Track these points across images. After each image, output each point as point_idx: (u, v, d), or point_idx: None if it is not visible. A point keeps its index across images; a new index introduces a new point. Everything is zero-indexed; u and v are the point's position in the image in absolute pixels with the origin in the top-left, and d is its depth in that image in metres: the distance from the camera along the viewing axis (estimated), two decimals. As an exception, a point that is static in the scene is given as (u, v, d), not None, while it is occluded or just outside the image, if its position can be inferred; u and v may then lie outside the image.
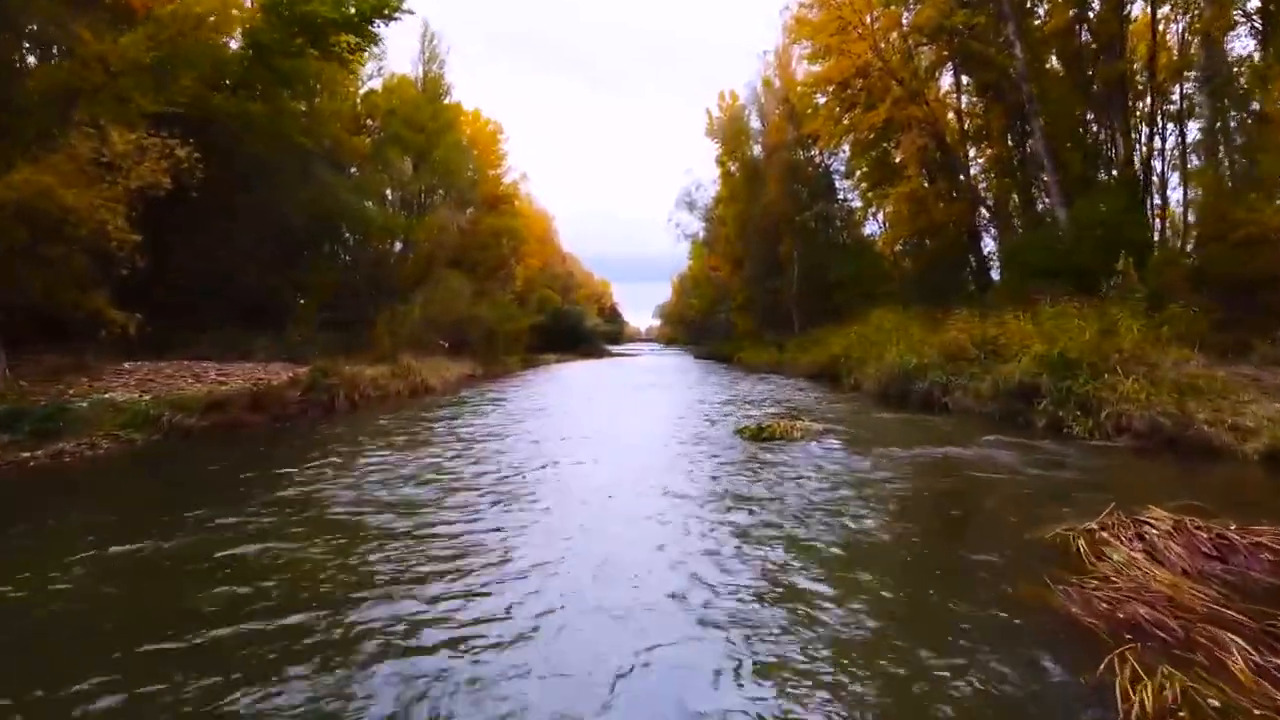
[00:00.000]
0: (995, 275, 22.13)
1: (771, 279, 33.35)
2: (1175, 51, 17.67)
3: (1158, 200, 17.63)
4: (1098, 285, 12.60)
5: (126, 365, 11.45)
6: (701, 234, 43.51)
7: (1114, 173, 18.32)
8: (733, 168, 37.91)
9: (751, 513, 4.75)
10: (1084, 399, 7.88)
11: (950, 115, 20.15)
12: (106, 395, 8.19)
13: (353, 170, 26.04)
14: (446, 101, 33.88)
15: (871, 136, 21.77)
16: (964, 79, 20.27)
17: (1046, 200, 20.45)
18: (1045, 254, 16.55)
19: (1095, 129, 18.93)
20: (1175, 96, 18.21)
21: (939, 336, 12.40)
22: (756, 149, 36.57)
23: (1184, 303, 9.65)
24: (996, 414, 9.14)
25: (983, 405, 9.55)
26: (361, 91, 28.47)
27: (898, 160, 22.17)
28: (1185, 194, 16.26)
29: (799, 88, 25.55)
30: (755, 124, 36.38)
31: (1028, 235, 17.94)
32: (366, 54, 27.17)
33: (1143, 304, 9.23)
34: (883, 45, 18.30)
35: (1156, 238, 17.27)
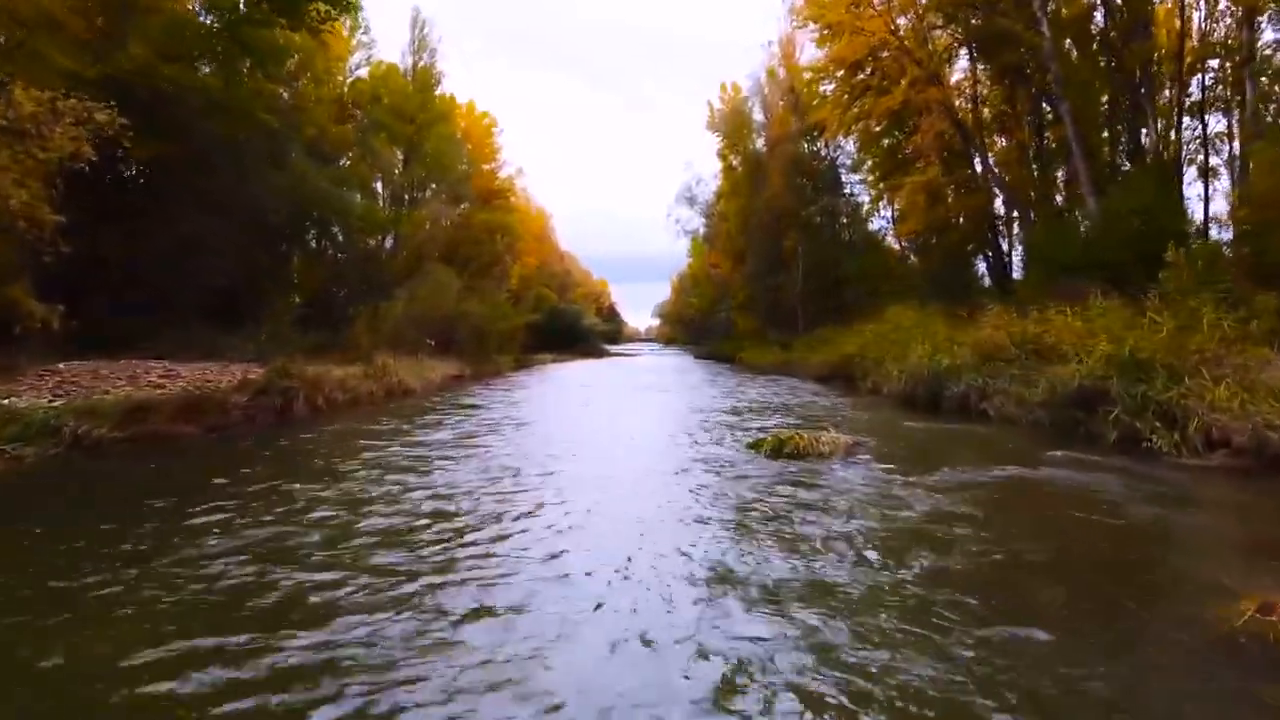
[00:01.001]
0: (1014, 270, 21.02)
1: (774, 276, 32.11)
2: (1199, 35, 16.54)
3: (1190, 187, 16.54)
4: (1136, 279, 11.42)
5: (61, 366, 10.16)
6: (702, 230, 42.28)
7: (1143, 160, 17.18)
8: (734, 161, 36.69)
9: (803, 602, 3.06)
10: (1164, 407, 6.63)
11: (965, 102, 18.94)
12: (6, 400, 6.91)
13: (344, 162, 24.83)
14: (438, 93, 32.71)
15: (881, 126, 20.57)
16: (980, 66, 19.11)
17: (1064, 192, 19.31)
18: (1075, 246, 15.36)
19: (1124, 114, 17.75)
20: (1201, 82, 17.16)
21: (970, 335, 11.16)
22: (759, 142, 35.36)
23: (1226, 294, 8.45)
24: (1047, 423, 7.89)
25: (1029, 413, 8.30)
26: (349, 81, 27.30)
27: (909, 151, 20.97)
28: (1234, 177, 15.04)
29: (806, 73, 24.25)
30: (758, 116, 35.18)
31: (1054, 226, 16.73)
32: (345, 28, 25.96)
33: (1223, 296, 7.98)
34: (899, 22, 17.06)
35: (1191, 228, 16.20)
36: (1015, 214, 20.18)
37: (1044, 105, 17.85)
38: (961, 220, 21.53)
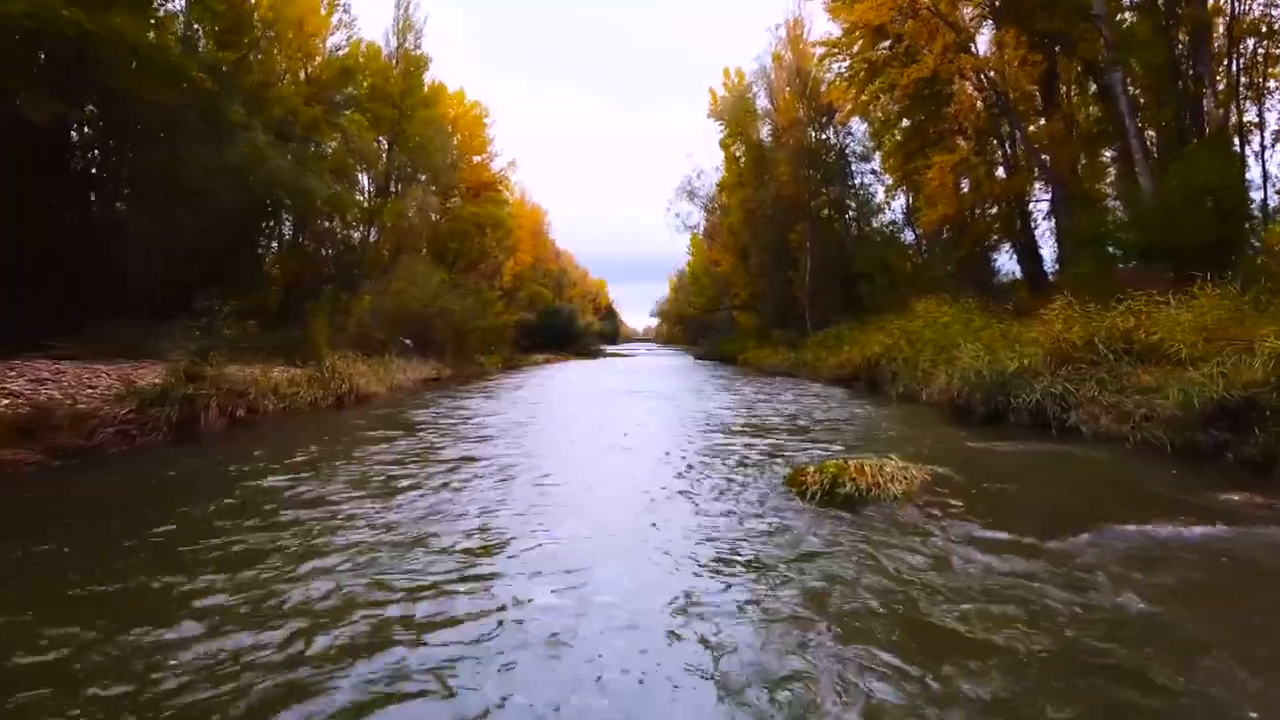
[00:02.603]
0: (1049, 259, 19.10)
1: (780, 271, 30.18)
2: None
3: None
4: (1203, 265, 9.59)
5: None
6: (702, 226, 40.30)
7: (1200, 137, 15.30)
8: (737, 151, 34.74)
9: None
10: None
11: (997, 75, 17.00)
12: None
13: (328, 148, 22.85)
14: (425, 77, 30.79)
15: (902, 104, 18.62)
16: (1018, 34, 17.17)
17: (1115, 171, 17.40)
18: (1136, 231, 13.47)
19: (1176, 88, 15.86)
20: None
21: (1028, 332, 9.23)
22: (764, 131, 33.44)
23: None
24: (1167, 443, 5.98)
25: (1144, 430, 6.38)
26: (325, 60, 25.33)
27: (934, 132, 19.08)
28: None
29: (818, 49, 22.27)
30: (763, 103, 33.23)
31: (1105, 211, 14.84)
32: (323, 4, 24.00)
33: None
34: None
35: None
36: (1049, 199, 18.31)
37: (1090, 80, 15.97)
38: (990, 208, 19.72)
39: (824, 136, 30.13)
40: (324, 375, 10.54)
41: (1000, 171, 17.90)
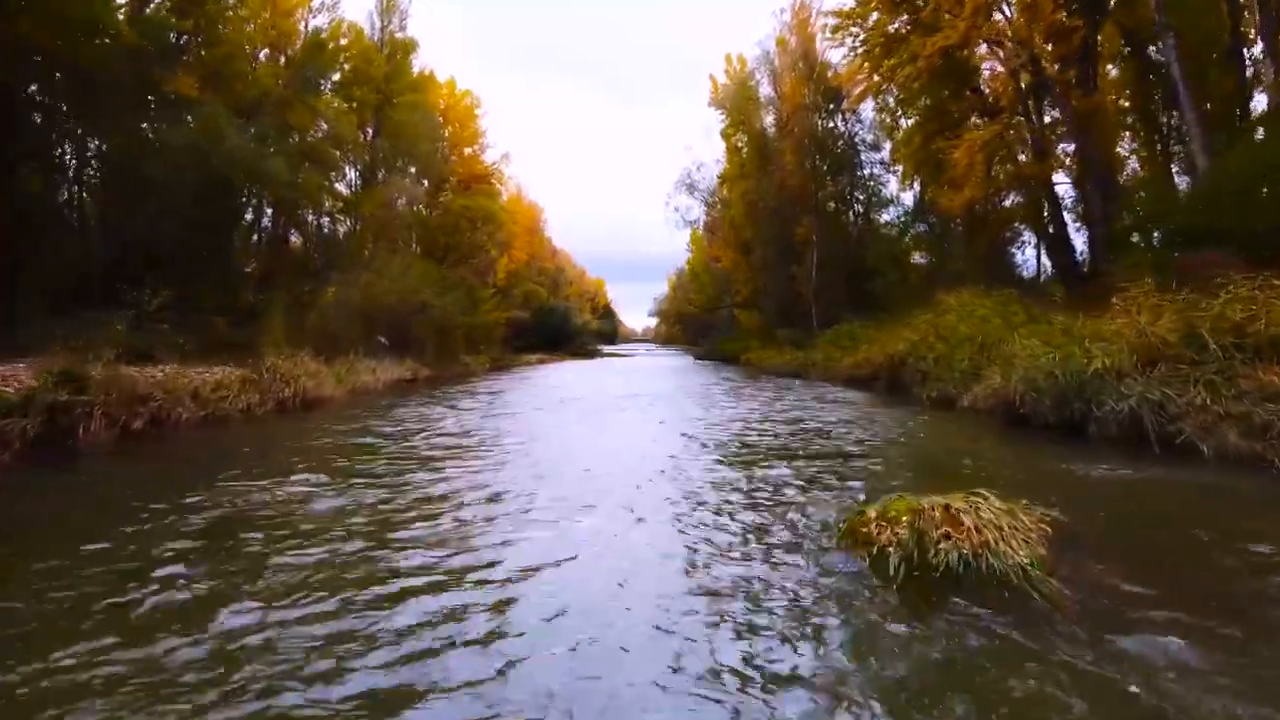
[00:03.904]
0: (1080, 246, 17.54)
1: (785, 267, 28.64)
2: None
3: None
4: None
5: None
6: (703, 221, 38.73)
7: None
8: (739, 142, 33.20)
9: None
10: None
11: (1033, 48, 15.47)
12: None
13: (316, 136, 21.24)
14: (414, 64, 29.26)
15: (918, 84, 17.07)
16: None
17: (1165, 147, 15.86)
18: (1191, 214, 11.95)
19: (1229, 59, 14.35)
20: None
21: (1106, 325, 7.67)
22: (768, 120, 31.89)
23: None
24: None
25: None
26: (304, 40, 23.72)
27: (955, 113, 17.55)
28: None
29: (830, 20, 20.64)
30: (766, 90, 31.67)
31: (1160, 192, 13.31)
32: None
33: None
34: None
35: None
36: (1079, 183, 16.78)
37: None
38: (1013, 195, 18.22)
39: (831, 125, 28.64)
40: (262, 377, 8.94)
41: (1022, 157, 16.38)
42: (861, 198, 28.94)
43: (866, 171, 28.38)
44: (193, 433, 7.37)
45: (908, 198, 25.54)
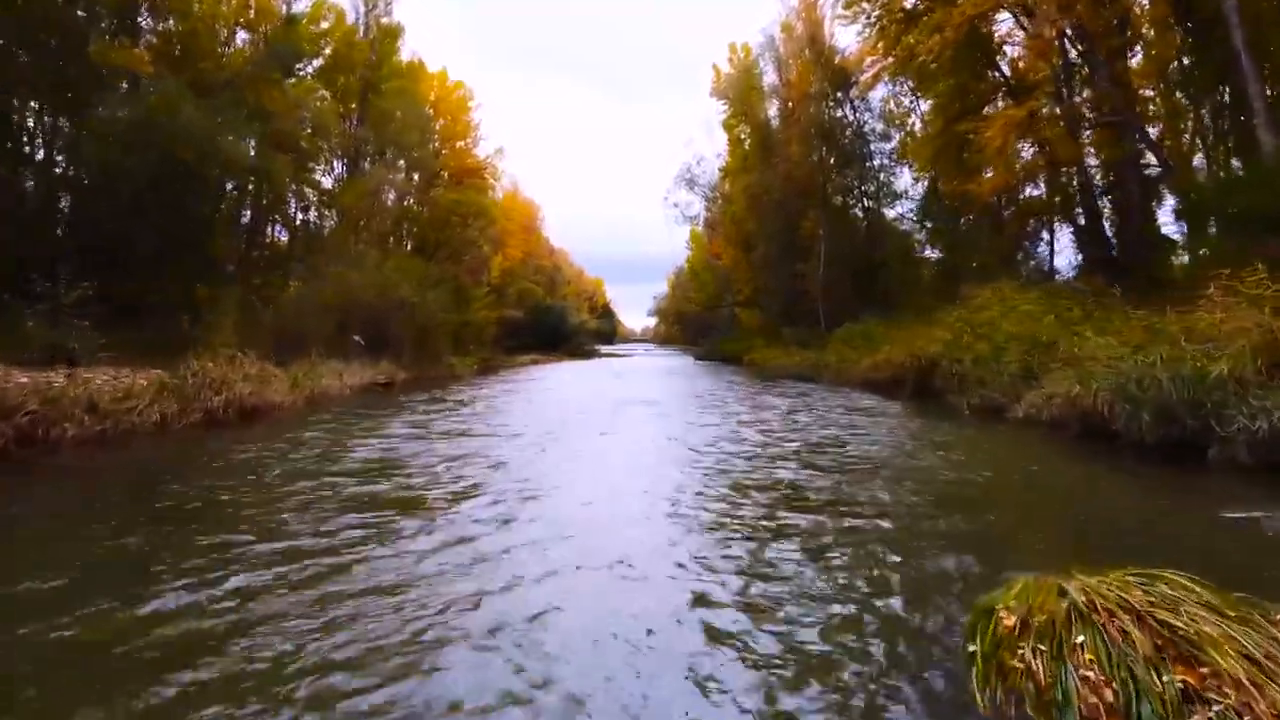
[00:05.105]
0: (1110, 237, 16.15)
1: (790, 263, 27.23)
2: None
3: None
4: None
5: None
6: (703, 217, 37.31)
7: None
8: (742, 133, 31.80)
9: None
10: None
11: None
12: None
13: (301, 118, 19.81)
14: (403, 52, 27.91)
15: (938, 64, 15.67)
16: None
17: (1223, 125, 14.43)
18: (1266, 195, 10.57)
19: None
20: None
21: (1200, 324, 6.25)
22: (772, 110, 30.50)
23: None
24: None
25: None
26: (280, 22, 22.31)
27: (981, 89, 16.19)
28: None
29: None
30: (771, 78, 30.25)
31: (1227, 174, 11.93)
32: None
33: None
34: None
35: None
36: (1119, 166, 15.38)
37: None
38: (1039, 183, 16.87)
39: (839, 114, 27.25)
40: (184, 382, 7.51)
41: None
42: (871, 191, 27.53)
43: (876, 163, 26.98)
44: (82, 450, 5.95)
45: (918, 191, 24.19)
